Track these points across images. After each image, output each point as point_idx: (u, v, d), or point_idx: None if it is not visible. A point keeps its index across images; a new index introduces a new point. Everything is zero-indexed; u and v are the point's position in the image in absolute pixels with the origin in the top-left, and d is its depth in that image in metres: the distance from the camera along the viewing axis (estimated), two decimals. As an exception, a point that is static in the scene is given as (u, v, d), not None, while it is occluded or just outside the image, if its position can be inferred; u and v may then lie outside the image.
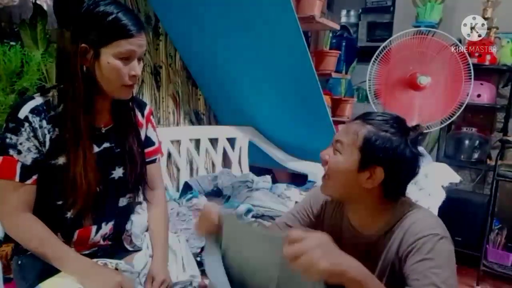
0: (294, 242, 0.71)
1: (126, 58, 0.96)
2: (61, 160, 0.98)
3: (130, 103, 1.10)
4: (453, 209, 2.09)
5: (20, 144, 0.94)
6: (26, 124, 0.94)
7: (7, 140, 0.94)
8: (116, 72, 0.96)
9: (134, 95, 1.10)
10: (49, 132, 0.97)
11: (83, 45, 0.94)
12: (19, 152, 0.94)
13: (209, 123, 2.60)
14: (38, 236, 0.97)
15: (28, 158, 0.95)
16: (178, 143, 2.22)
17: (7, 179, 0.94)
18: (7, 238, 1.35)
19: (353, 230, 0.99)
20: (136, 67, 0.99)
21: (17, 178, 0.94)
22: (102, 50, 0.94)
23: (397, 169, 0.89)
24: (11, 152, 0.94)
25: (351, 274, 0.73)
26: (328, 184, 0.95)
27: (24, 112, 0.95)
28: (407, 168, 0.91)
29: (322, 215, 1.10)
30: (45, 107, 0.97)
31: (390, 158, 0.87)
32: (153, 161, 1.22)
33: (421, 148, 0.95)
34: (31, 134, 0.95)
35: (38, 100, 0.98)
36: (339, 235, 1.03)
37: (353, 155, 0.89)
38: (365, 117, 0.92)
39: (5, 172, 0.94)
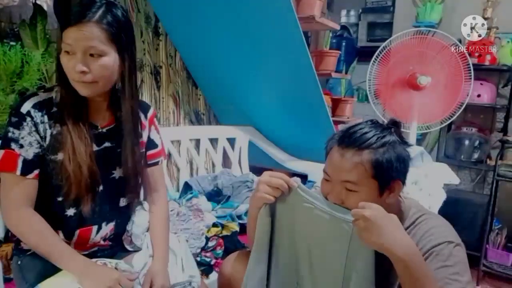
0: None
1: (70, 52, 0.91)
2: (61, 156, 0.98)
3: (130, 103, 1.09)
4: (453, 209, 2.09)
5: (22, 138, 0.95)
6: (28, 119, 0.95)
7: (9, 134, 0.95)
8: (64, 65, 0.93)
9: (137, 94, 1.09)
10: (50, 128, 0.97)
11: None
12: (21, 146, 0.95)
13: (209, 123, 2.60)
14: (38, 231, 0.97)
15: (29, 152, 0.95)
16: (178, 143, 2.22)
17: (8, 172, 0.94)
18: (7, 238, 1.35)
19: None
20: (78, 64, 0.90)
21: (18, 172, 0.94)
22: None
23: (406, 169, 0.91)
24: (13, 146, 0.94)
25: (392, 250, 0.77)
26: None
27: (26, 107, 0.95)
28: (408, 162, 0.92)
29: None
30: (47, 103, 0.98)
31: (400, 166, 0.88)
32: (156, 163, 1.22)
33: (421, 148, 0.96)
34: (33, 128, 0.95)
35: (41, 96, 0.98)
36: None
37: (370, 186, 0.87)
38: (353, 144, 0.87)
39: (6, 165, 0.94)
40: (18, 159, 0.95)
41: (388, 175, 0.87)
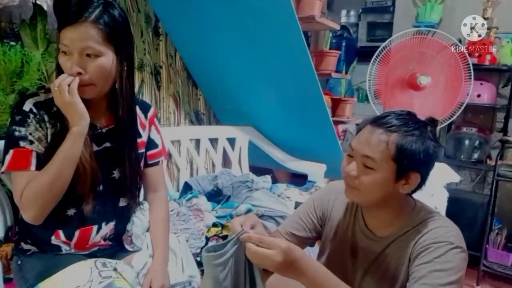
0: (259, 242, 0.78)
1: (66, 52, 0.92)
2: None
3: (129, 104, 1.09)
4: (453, 209, 2.09)
5: (30, 134, 0.94)
6: (32, 116, 0.94)
7: (16, 133, 0.93)
8: (62, 66, 0.93)
9: (134, 95, 1.09)
10: (52, 127, 0.97)
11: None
12: (31, 142, 0.94)
13: (209, 123, 2.60)
14: (42, 175, 0.92)
15: (41, 146, 0.95)
16: (178, 143, 2.22)
17: (22, 169, 0.92)
18: (7, 238, 1.35)
19: (368, 232, 0.99)
20: (73, 64, 0.90)
21: (32, 167, 0.93)
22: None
23: (429, 168, 0.91)
24: (22, 143, 0.93)
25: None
26: (358, 194, 0.92)
27: (28, 105, 0.95)
28: (434, 163, 0.91)
29: (327, 217, 1.09)
30: (48, 103, 0.97)
31: (424, 160, 0.87)
32: (156, 163, 1.22)
33: None
34: (38, 125, 0.95)
35: (41, 97, 0.98)
36: (352, 237, 1.02)
37: (388, 168, 0.87)
38: (385, 125, 0.88)
39: (18, 163, 0.92)
40: (31, 155, 0.93)
41: (409, 163, 0.86)
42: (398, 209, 0.95)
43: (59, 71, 0.96)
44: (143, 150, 1.17)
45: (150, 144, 1.20)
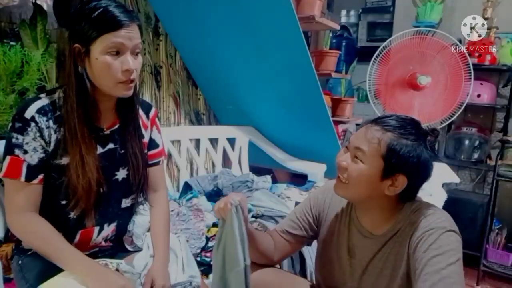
0: None
1: (116, 53, 0.94)
2: (65, 161, 0.98)
3: (134, 104, 1.09)
4: (453, 209, 2.08)
5: (27, 144, 0.94)
6: (33, 124, 0.94)
7: (13, 140, 0.94)
8: (106, 68, 0.94)
9: (136, 95, 1.10)
10: (55, 132, 0.97)
11: (76, 45, 0.94)
12: (25, 152, 0.94)
13: (209, 123, 2.60)
14: (42, 235, 0.97)
15: (34, 158, 0.95)
16: (178, 143, 2.22)
17: (13, 178, 0.94)
18: (7, 238, 1.35)
19: (364, 231, 0.99)
20: (129, 62, 0.95)
21: (22, 178, 0.94)
22: (91, 48, 0.93)
23: (419, 176, 0.91)
24: (17, 152, 0.94)
25: None
26: (346, 188, 0.94)
27: (30, 112, 0.95)
28: (426, 173, 0.92)
29: (323, 217, 1.10)
30: (51, 107, 0.97)
31: (414, 166, 0.88)
32: (157, 163, 1.22)
33: None
34: (38, 134, 0.95)
35: (44, 101, 0.98)
36: (348, 236, 1.03)
37: (376, 164, 0.89)
38: (383, 123, 0.91)
39: (11, 172, 0.94)
40: (23, 165, 0.94)
41: (397, 164, 0.88)
42: (389, 209, 0.95)
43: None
44: (145, 151, 1.17)
45: (151, 144, 1.20)
